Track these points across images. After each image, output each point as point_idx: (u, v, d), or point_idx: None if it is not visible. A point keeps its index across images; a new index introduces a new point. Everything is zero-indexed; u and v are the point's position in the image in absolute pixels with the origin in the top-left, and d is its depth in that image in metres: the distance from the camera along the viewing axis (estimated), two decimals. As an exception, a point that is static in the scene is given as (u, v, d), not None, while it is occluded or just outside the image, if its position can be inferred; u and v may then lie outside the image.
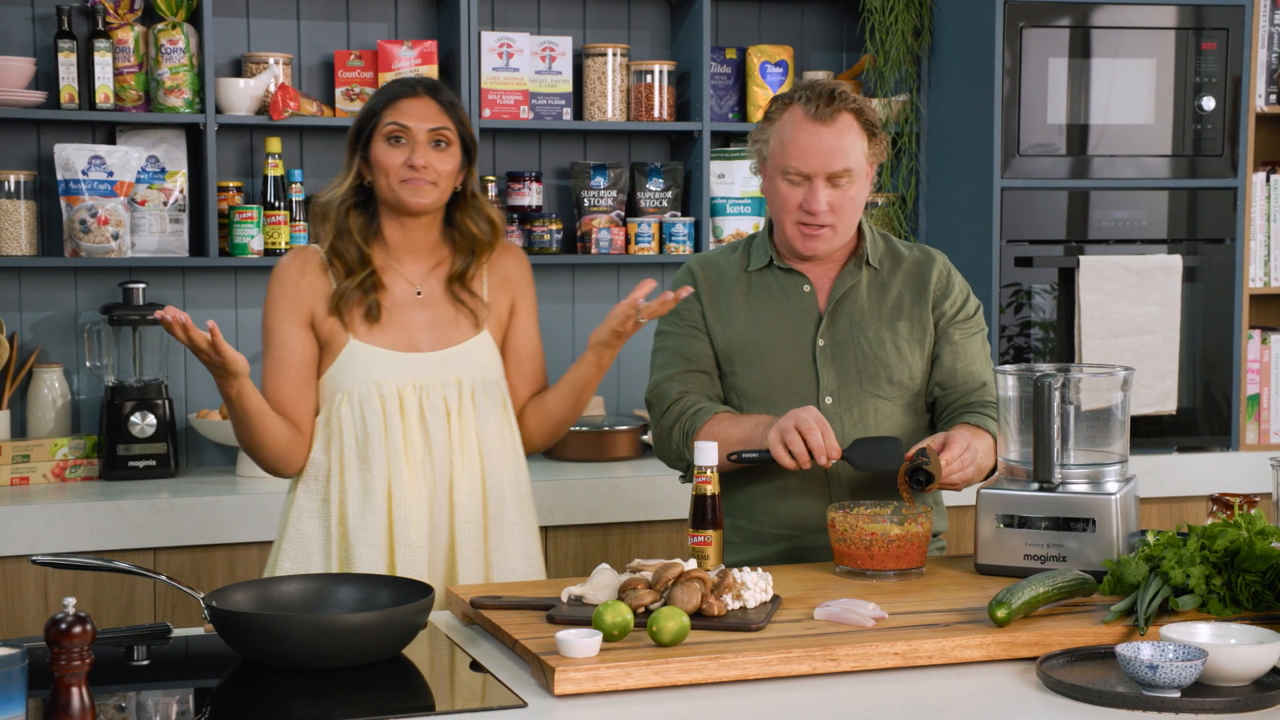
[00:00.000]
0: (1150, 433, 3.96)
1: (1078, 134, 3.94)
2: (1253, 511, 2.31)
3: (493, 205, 2.66)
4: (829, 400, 2.61)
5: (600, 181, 3.99)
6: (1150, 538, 2.25)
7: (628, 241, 4.00)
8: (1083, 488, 2.39)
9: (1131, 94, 3.94)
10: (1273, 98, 4.16)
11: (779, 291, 2.66)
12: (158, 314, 2.27)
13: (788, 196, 2.56)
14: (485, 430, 2.54)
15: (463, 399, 2.53)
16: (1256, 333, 4.15)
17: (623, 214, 4.03)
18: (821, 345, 2.62)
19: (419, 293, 2.56)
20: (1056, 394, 2.38)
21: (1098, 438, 2.46)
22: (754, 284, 2.67)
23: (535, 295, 2.68)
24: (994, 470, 2.57)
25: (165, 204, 3.74)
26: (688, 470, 2.60)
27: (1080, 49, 3.91)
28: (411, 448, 2.50)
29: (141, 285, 3.68)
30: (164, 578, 2.18)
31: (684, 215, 4.07)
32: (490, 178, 3.91)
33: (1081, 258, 3.86)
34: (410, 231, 2.57)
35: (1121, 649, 1.90)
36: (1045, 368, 2.49)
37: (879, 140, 2.59)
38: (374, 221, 2.57)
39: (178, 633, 2.22)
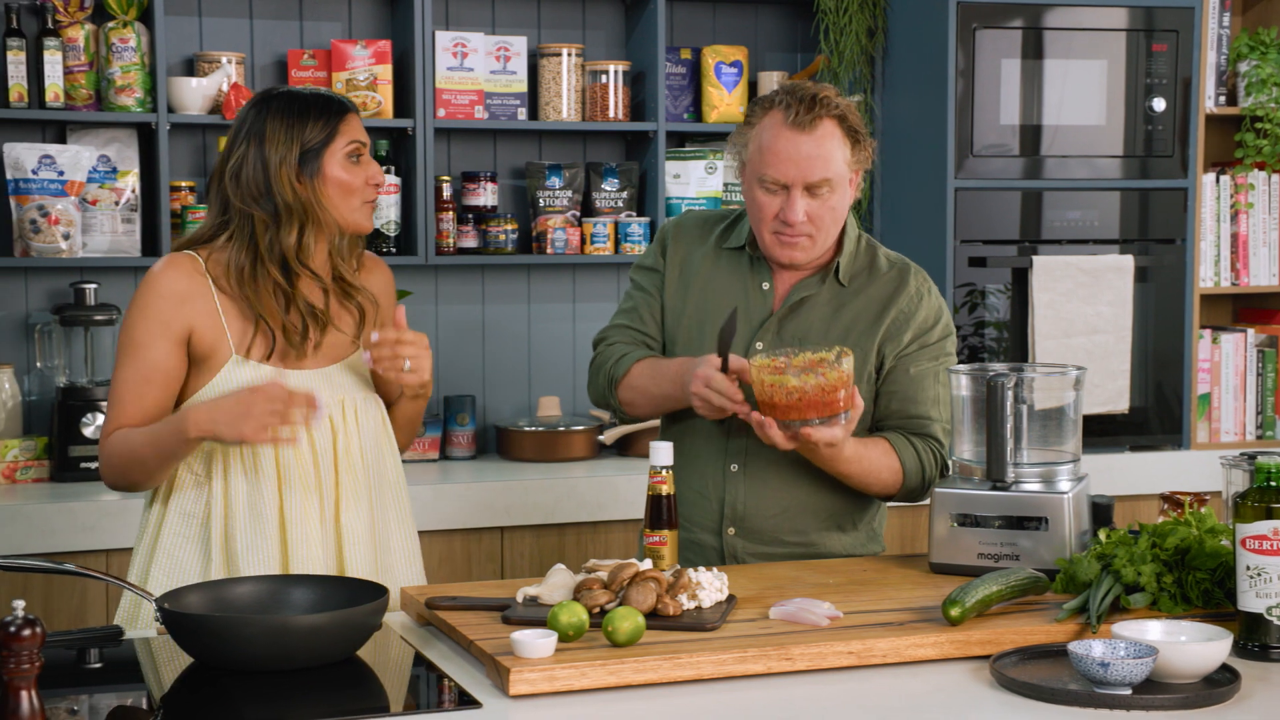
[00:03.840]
0: (1103, 432, 3.99)
1: (1030, 135, 3.97)
2: (1203, 510, 2.33)
3: None
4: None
5: (555, 182, 3.98)
6: (1102, 536, 2.27)
7: (583, 242, 4.00)
8: (1036, 487, 2.41)
9: (1083, 95, 3.98)
10: (1221, 99, 4.20)
11: (739, 281, 2.59)
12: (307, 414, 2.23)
13: (765, 205, 2.47)
14: (367, 447, 2.45)
15: (346, 417, 2.43)
16: (1207, 332, 4.20)
17: (578, 214, 4.02)
18: (759, 349, 2.54)
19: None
20: (1009, 393, 2.40)
21: (1050, 437, 2.48)
22: (721, 263, 2.60)
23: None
24: (890, 497, 2.57)
25: (117, 204, 3.71)
26: (611, 410, 2.66)
27: (1033, 50, 3.94)
28: (302, 468, 2.39)
29: (93, 285, 3.65)
30: (115, 579, 2.16)
31: (639, 215, 4.07)
32: (445, 178, 3.90)
33: (1035, 258, 3.89)
34: (322, 250, 2.45)
35: (1073, 647, 1.92)
36: (998, 367, 2.50)
37: (863, 146, 2.49)
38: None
39: (130, 635, 2.20)
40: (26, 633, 1.66)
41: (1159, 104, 4.00)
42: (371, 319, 2.48)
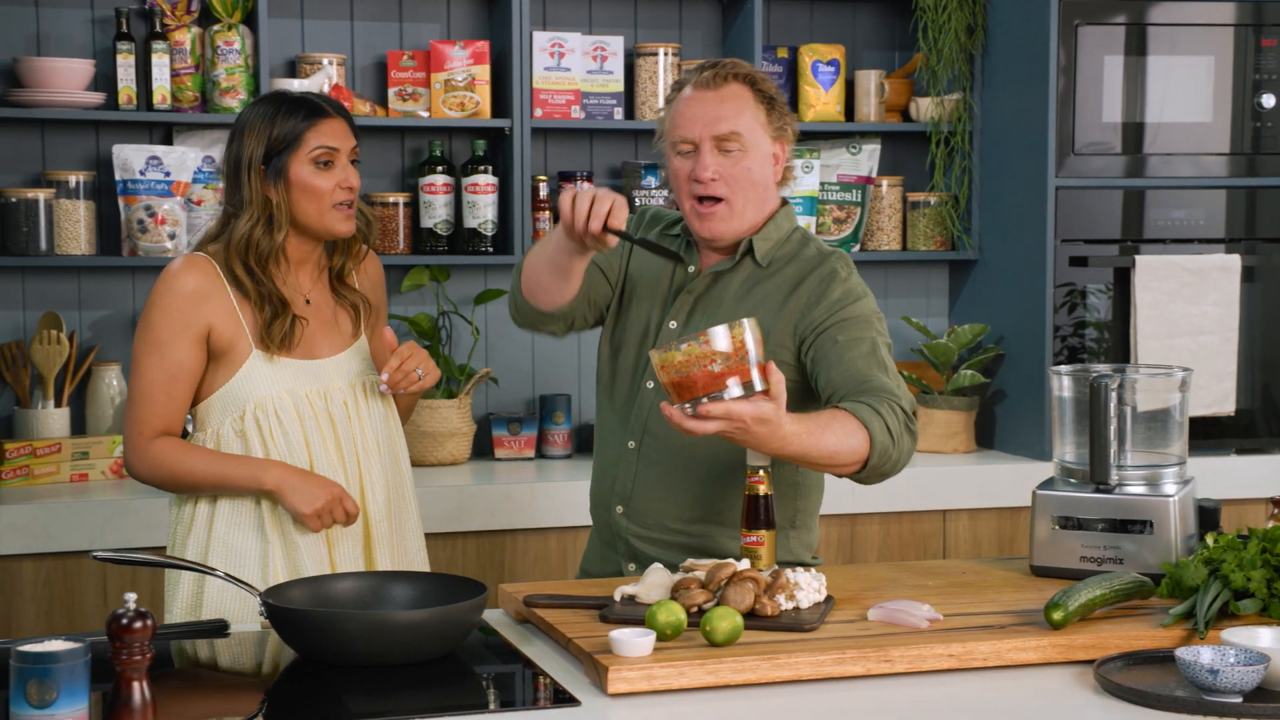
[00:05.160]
0: (1207, 434, 3.92)
1: (1133, 132, 3.90)
2: (1314, 514, 2.28)
3: (363, 202, 2.68)
4: (650, 385, 2.47)
5: (651, 181, 3.99)
6: (1209, 540, 2.23)
7: (679, 241, 3.99)
8: (1140, 489, 2.37)
9: (1189, 92, 3.91)
10: (1333, 95, 4.11)
11: (666, 264, 2.52)
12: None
13: (679, 170, 2.44)
14: (381, 429, 2.59)
15: (358, 401, 2.56)
16: (1316, 333, 4.10)
17: (674, 213, 4.02)
18: (672, 328, 2.47)
19: (308, 301, 2.57)
20: (1113, 395, 2.36)
21: (1155, 439, 2.44)
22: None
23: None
24: (866, 465, 2.24)
25: (220, 204, 3.77)
26: (524, 318, 2.53)
27: (1136, 46, 3.88)
28: (328, 451, 2.52)
29: (197, 284, 3.71)
30: (221, 574, 2.20)
31: (736, 214, 4.06)
32: (541, 177, 3.92)
33: (1137, 257, 3.83)
34: (312, 248, 2.56)
35: (1181, 653, 1.88)
36: (1101, 368, 2.47)
37: (780, 113, 2.44)
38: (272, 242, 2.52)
39: (235, 628, 2.24)
40: (138, 625, 1.70)
41: (1268, 100, 3.92)
42: (364, 317, 2.62)
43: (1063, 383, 2.46)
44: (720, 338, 2.09)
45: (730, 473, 2.41)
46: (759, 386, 2.10)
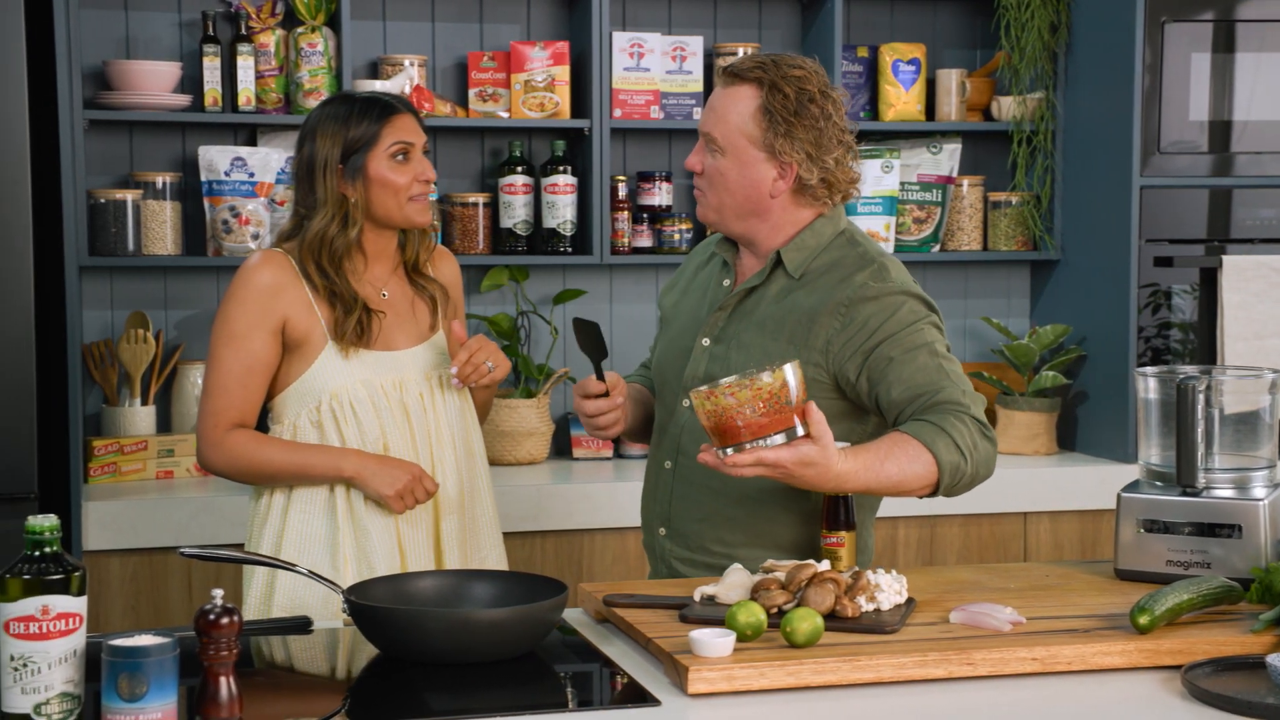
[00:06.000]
0: (1296, 437, 3.85)
1: (1220, 130, 3.84)
2: None
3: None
4: (686, 404, 2.41)
5: (731, 181, 3.98)
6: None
7: (758, 241, 3.98)
8: (1228, 493, 2.33)
9: (1278, 89, 3.84)
10: None
11: (709, 279, 2.51)
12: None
13: None
14: (456, 422, 2.63)
15: (434, 393, 2.61)
16: None
17: (753, 213, 4.01)
18: (705, 344, 2.42)
19: (384, 294, 2.61)
20: (1200, 397, 2.33)
21: (1244, 441, 2.40)
22: (706, 265, 2.55)
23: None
24: (938, 487, 2.23)
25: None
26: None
27: (1224, 44, 3.82)
28: (403, 442, 2.56)
29: (280, 284, 3.75)
30: (305, 571, 2.23)
31: (815, 214, 4.04)
32: (620, 177, 3.93)
33: (1224, 257, 3.77)
34: (388, 241, 2.61)
35: (1272, 659, 1.85)
36: (1188, 370, 2.43)
37: (785, 132, 2.30)
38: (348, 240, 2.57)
39: (319, 625, 2.26)
40: (225, 621, 1.72)
41: (1360, 97, 3.85)
42: (442, 307, 2.66)
43: (1148, 384, 2.43)
44: (757, 383, 2.06)
45: (769, 495, 2.37)
46: (800, 432, 2.10)
